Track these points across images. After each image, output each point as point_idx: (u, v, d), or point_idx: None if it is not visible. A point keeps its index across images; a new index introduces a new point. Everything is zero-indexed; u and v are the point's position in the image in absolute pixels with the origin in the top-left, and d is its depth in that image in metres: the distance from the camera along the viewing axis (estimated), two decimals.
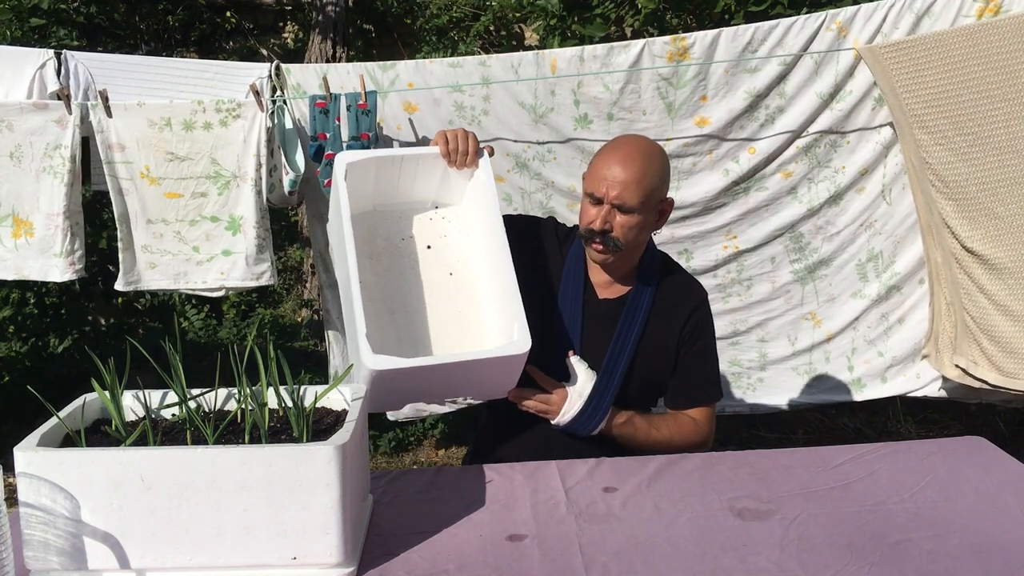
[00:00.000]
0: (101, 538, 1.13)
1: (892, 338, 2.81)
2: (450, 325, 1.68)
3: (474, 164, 1.69)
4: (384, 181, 1.70)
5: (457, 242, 1.76)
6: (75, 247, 2.70)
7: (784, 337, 2.88)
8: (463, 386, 1.63)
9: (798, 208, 2.74)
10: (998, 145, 2.34)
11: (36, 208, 2.67)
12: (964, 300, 2.50)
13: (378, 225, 1.75)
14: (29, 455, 1.11)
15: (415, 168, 1.69)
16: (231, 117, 2.61)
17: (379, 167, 1.66)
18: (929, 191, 2.49)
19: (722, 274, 2.84)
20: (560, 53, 2.62)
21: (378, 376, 1.41)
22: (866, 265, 2.78)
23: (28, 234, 2.69)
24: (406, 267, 1.73)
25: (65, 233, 2.66)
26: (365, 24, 5.72)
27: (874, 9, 2.49)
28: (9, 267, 2.72)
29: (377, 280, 1.70)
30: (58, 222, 2.66)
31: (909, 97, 2.42)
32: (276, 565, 1.15)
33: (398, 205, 1.77)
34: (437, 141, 1.67)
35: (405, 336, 1.66)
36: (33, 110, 2.58)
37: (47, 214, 2.66)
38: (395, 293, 1.70)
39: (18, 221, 2.69)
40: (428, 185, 1.73)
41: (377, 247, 1.74)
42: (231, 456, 1.12)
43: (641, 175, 1.64)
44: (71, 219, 2.67)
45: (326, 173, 2.64)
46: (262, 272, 2.77)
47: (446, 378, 1.54)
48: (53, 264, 2.70)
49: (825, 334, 2.85)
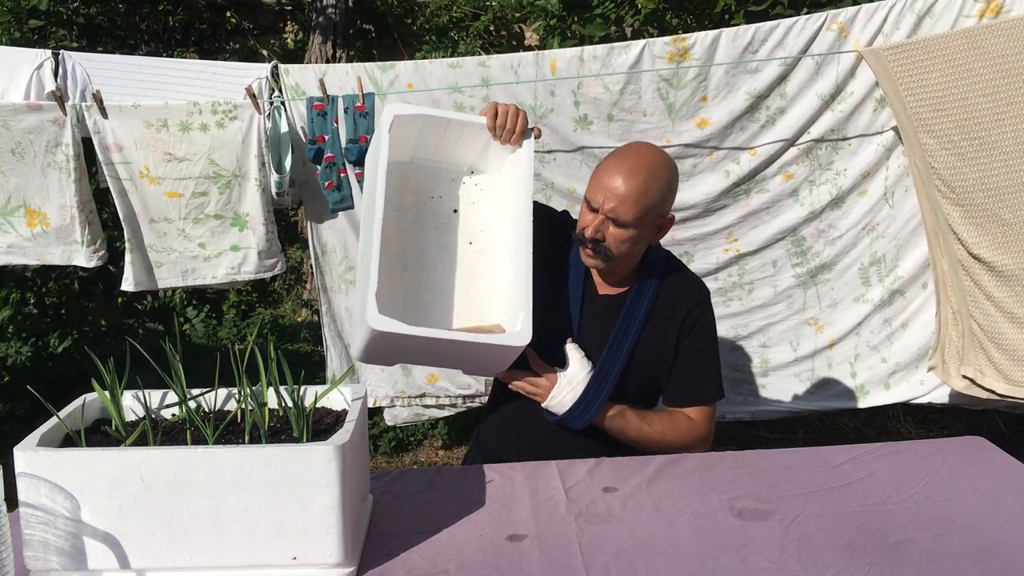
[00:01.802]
0: (101, 538, 1.13)
1: (895, 343, 2.79)
2: (459, 294, 1.67)
3: (518, 143, 1.66)
4: (426, 138, 1.68)
5: (484, 212, 1.74)
6: (96, 236, 2.75)
7: (786, 343, 2.86)
8: (456, 361, 1.63)
9: (799, 211, 2.73)
10: (1005, 149, 2.30)
11: (47, 199, 2.69)
12: (971, 307, 2.46)
13: (411, 178, 1.73)
14: (29, 455, 1.11)
15: (459, 133, 1.66)
16: (227, 119, 2.61)
17: (424, 124, 1.64)
18: (935, 196, 2.46)
19: (723, 277, 2.83)
20: (560, 54, 2.61)
21: (377, 335, 1.42)
22: (869, 269, 2.76)
23: (44, 224, 2.72)
24: (429, 226, 1.72)
25: (83, 224, 2.70)
26: (365, 24, 5.72)
27: (875, 9, 2.48)
28: (30, 254, 2.76)
29: (398, 233, 1.69)
30: (73, 213, 2.69)
31: (913, 100, 2.40)
32: (276, 565, 1.15)
33: (435, 162, 1.74)
34: (487, 112, 1.64)
35: (412, 296, 1.66)
36: (27, 111, 2.57)
37: (59, 205, 2.69)
38: (412, 250, 1.69)
39: (30, 212, 2.71)
40: (469, 151, 1.71)
41: (405, 200, 1.72)
42: (231, 456, 1.12)
43: (642, 190, 1.62)
44: (85, 209, 2.70)
45: (326, 176, 2.64)
46: (274, 264, 2.85)
47: (441, 351, 1.54)
48: (76, 250, 2.75)
49: (827, 340, 2.83)
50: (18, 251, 2.75)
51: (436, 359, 1.65)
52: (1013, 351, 2.40)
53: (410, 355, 1.63)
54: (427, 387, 2.98)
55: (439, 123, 1.65)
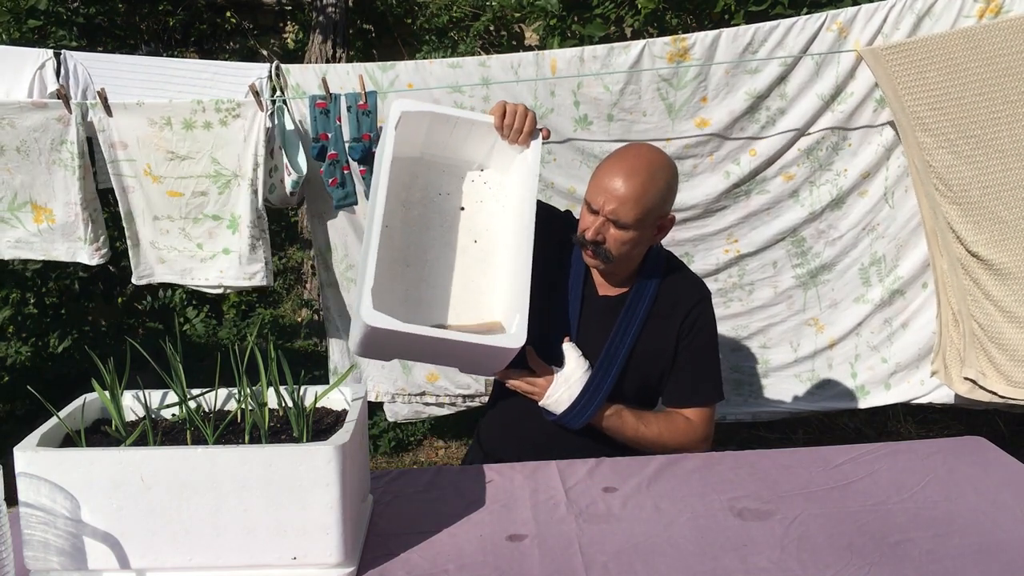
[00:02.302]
0: (101, 538, 1.13)
1: (896, 344, 2.79)
2: (460, 291, 1.67)
3: (526, 143, 1.66)
4: (435, 135, 1.68)
5: (491, 211, 1.74)
6: (98, 234, 2.77)
7: (786, 343, 2.86)
8: (452, 359, 1.63)
9: (799, 211, 2.73)
10: (1001, 148, 2.32)
11: (53, 196, 2.71)
12: (971, 307, 2.46)
13: (420, 174, 1.73)
14: (29, 455, 1.11)
15: (468, 131, 1.66)
16: (231, 117, 2.61)
17: (433, 121, 1.64)
18: (933, 195, 2.47)
19: (723, 278, 2.83)
20: (560, 54, 2.61)
21: (371, 331, 1.42)
22: (869, 269, 2.76)
23: (50, 220, 2.75)
24: (435, 223, 1.72)
25: (87, 222, 2.72)
26: (365, 24, 5.72)
27: (875, 9, 2.48)
28: (36, 249, 2.79)
29: (403, 229, 1.69)
30: (77, 210, 2.70)
31: (911, 100, 2.41)
32: (276, 565, 1.15)
33: (444, 159, 1.74)
34: (495, 111, 1.63)
35: (413, 293, 1.66)
36: (33, 109, 2.59)
37: (65, 202, 2.71)
38: (416, 246, 1.69)
39: (37, 208, 2.74)
40: (478, 149, 1.71)
41: (413, 196, 1.72)
42: (231, 456, 1.12)
43: (642, 192, 1.61)
44: (89, 207, 2.71)
45: (330, 173, 2.64)
46: (255, 272, 2.76)
47: (437, 349, 1.54)
48: (80, 248, 2.77)
49: (828, 340, 2.83)
50: (25, 246, 2.78)
51: (432, 356, 1.65)
52: (1014, 351, 2.40)
53: (406, 351, 1.63)
54: (427, 386, 2.98)
55: (447, 120, 1.65)
